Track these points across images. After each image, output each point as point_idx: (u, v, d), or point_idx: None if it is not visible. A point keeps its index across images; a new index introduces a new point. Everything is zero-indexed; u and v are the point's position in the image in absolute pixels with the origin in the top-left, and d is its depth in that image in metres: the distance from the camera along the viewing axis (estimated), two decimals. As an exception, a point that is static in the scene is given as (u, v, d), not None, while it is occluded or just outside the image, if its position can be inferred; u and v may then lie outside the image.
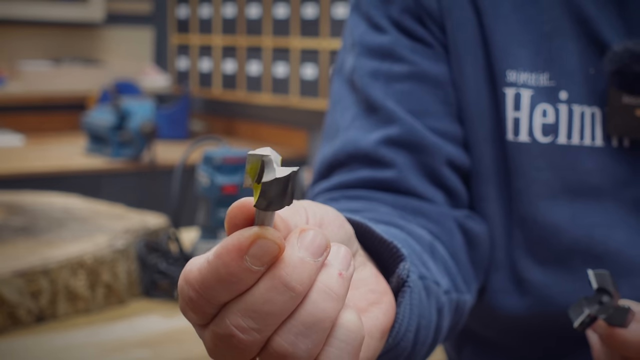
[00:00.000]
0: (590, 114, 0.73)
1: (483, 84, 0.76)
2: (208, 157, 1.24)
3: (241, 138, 3.82)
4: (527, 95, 0.74)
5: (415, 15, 0.78)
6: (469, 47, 0.76)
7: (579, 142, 0.73)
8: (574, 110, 0.73)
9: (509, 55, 0.75)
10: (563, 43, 0.73)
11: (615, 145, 0.73)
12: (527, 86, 0.74)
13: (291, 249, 0.42)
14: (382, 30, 0.79)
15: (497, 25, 0.75)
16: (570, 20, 0.73)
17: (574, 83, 0.73)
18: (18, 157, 3.10)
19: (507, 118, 0.75)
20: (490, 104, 0.76)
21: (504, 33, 0.75)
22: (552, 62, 0.74)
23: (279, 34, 3.40)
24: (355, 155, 0.76)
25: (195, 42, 3.82)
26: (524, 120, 0.74)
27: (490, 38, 0.75)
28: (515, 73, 0.74)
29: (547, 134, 0.73)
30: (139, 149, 3.00)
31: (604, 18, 0.72)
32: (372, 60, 0.79)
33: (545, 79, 0.74)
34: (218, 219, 1.24)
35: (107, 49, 4.01)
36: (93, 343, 1.13)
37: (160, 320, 1.23)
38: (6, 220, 1.43)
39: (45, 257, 1.21)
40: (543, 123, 0.74)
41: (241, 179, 1.24)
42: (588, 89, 0.73)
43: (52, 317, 1.19)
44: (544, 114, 0.74)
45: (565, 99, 0.73)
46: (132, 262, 1.31)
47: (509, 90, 0.75)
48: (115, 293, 1.27)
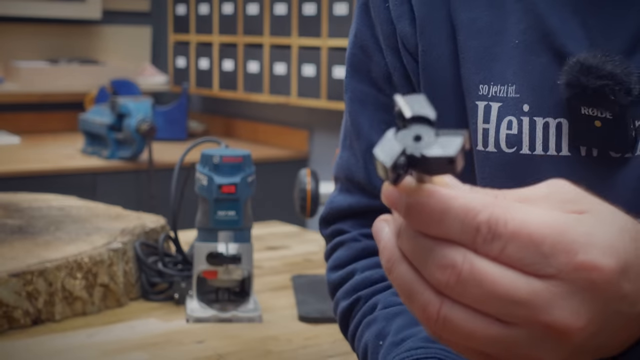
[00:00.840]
0: (555, 124, 0.74)
1: (452, 98, 0.79)
2: (206, 156, 1.23)
3: (240, 137, 3.81)
4: (495, 107, 0.76)
5: (392, 43, 0.82)
6: (441, 65, 0.79)
7: (542, 153, 0.74)
8: (536, 122, 0.74)
9: (482, 69, 0.77)
10: (529, 56, 0.75)
11: (583, 154, 0.73)
12: (497, 99, 0.76)
13: None
14: (368, 55, 0.85)
15: (471, 40, 0.77)
16: (536, 33, 0.75)
17: (537, 95, 0.74)
18: (15, 157, 3.09)
19: (478, 129, 0.77)
20: (458, 117, 0.79)
21: (478, 48, 0.77)
22: (519, 75, 0.75)
23: (278, 32, 3.39)
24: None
25: (194, 40, 3.81)
26: (492, 131, 0.76)
27: (464, 53, 0.78)
28: (487, 86, 0.76)
29: (511, 145, 0.75)
30: (137, 148, 2.99)
31: (567, 30, 0.73)
32: (361, 84, 0.86)
33: (512, 91, 0.75)
34: (217, 219, 1.23)
35: (104, 48, 3.99)
36: (90, 345, 1.12)
37: (158, 322, 1.22)
38: (3, 220, 1.41)
39: (42, 258, 1.20)
40: (507, 134, 0.75)
41: (239, 178, 1.23)
42: (554, 101, 0.74)
43: (49, 318, 1.18)
44: (509, 125, 0.75)
45: (527, 111, 0.75)
46: (129, 263, 1.30)
47: (480, 103, 0.77)
48: (113, 294, 1.26)
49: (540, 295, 0.45)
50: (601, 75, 0.69)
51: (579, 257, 0.45)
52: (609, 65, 0.69)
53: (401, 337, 0.78)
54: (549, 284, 0.45)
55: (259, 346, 1.15)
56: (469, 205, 0.45)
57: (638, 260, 0.47)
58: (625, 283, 0.46)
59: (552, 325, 0.45)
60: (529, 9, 0.75)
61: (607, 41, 0.72)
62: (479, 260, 0.45)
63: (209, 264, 1.23)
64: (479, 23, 0.77)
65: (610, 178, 0.73)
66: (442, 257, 0.45)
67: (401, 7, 0.81)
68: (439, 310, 0.46)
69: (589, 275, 0.45)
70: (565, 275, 0.45)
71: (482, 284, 0.45)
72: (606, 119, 0.71)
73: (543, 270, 0.45)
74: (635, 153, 0.71)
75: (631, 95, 0.69)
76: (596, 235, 0.46)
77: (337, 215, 0.91)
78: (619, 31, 0.72)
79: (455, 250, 0.45)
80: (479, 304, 0.45)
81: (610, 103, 0.70)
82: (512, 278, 0.45)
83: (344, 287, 0.88)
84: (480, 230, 0.45)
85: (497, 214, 0.45)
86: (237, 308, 1.24)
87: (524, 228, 0.45)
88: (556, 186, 0.49)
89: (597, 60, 0.70)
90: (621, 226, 0.47)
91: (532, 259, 0.45)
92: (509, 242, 0.45)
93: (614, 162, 0.72)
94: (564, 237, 0.45)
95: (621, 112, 0.70)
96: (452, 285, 0.45)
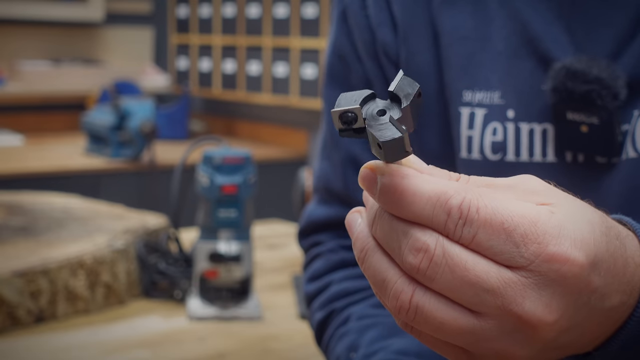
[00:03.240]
0: (541, 130, 0.73)
1: (435, 105, 0.78)
2: (208, 157, 1.24)
3: (241, 138, 3.82)
4: (480, 114, 0.75)
5: (371, 51, 0.81)
6: (423, 72, 0.78)
7: (528, 159, 0.73)
8: (521, 128, 0.73)
9: (466, 75, 0.76)
10: (514, 61, 0.74)
11: (569, 160, 0.72)
12: (482, 105, 0.75)
13: None
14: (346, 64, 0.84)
15: (455, 47, 0.76)
16: (520, 38, 0.74)
17: (522, 101, 0.73)
18: (18, 157, 3.10)
19: (462, 136, 0.76)
20: (440, 123, 0.78)
21: (462, 54, 0.76)
22: (503, 81, 0.74)
23: (279, 33, 3.40)
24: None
25: (195, 41, 3.82)
26: (476, 138, 0.75)
27: (448, 59, 0.77)
28: (471, 93, 0.75)
29: (496, 151, 0.74)
30: (139, 149, 3.00)
31: (552, 35, 0.72)
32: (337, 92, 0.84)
33: (497, 98, 0.74)
34: (218, 219, 1.24)
35: (106, 49, 4.00)
36: (93, 343, 1.13)
37: (159, 321, 1.23)
38: (6, 220, 1.42)
39: (45, 257, 1.21)
40: (493, 141, 0.74)
41: (241, 178, 1.24)
42: (539, 106, 0.73)
43: (51, 317, 1.19)
44: (494, 132, 0.74)
45: (512, 117, 0.74)
46: (131, 262, 1.31)
47: (464, 109, 0.76)
48: (115, 293, 1.27)
49: (511, 285, 0.44)
50: (587, 80, 0.69)
51: (550, 248, 0.45)
52: (595, 69, 0.69)
53: (373, 350, 0.77)
54: (520, 274, 0.45)
55: (259, 344, 1.15)
56: (441, 188, 0.45)
57: (608, 255, 0.47)
58: (595, 277, 0.46)
59: (522, 317, 0.45)
60: (512, 15, 0.74)
61: (592, 45, 0.71)
62: (452, 245, 0.45)
63: (210, 263, 1.24)
64: (462, 29, 0.76)
65: (596, 184, 0.71)
66: (416, 240, 0.45)
67: (381, 14, 0.80)
68: (411, 298, 0.46)
69: (560, 268, 0.45)
70: (536, 266, 0.44)
71: (454, 270, 0.44)
72: (592, 124, 0.70)
73: (514, 260, 0.45)
74: (621, 158, 0.70)
75: (618, 100, 0.69)
76: (567, 228, 0.45)
77: (315, 227, 0.89)
78: (604, 35, 0.71)
79: (429, 234, 0.45)
80: (450, 291, 0.45)
81: (597, 108, 0.69)
82: (483, 266, 0.45)
83: (319, 298, 0.86)
84: (451, 215, 0.45)
85: (470, 199, 0.45)
86: (237, 307, 1.25)
87: (497, 216, 0.44)
88: (524, 178, 0.49)
89: (583, 65, 0.69)
90: (592, 220, 0.47)
91: (503, 247, 0.44)
92: (480, 228, 0.44)
93: (600, 168, 0.71)
94: (536, 227, 0.45)
95: (608, 116, 0.69)
96: (424, 269, 0.45)
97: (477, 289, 0.45)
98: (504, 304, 0.45)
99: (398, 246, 0.46)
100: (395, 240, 0.46)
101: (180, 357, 1.10)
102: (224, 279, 1.25)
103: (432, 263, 0.45)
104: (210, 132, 3.88)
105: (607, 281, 0.47)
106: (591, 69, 0.69)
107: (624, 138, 0.70)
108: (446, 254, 0.45)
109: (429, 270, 0.45)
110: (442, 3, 0.77)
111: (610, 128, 0.70)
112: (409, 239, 0.45)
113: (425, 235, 0.45)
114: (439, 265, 0.45)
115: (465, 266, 0.45)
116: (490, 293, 0.45)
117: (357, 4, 0.82)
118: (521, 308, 0.45)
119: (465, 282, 0.45)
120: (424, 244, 0.45)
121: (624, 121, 0.70)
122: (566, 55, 0.71)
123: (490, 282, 0.45)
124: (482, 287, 0.45)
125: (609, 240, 0.47)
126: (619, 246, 0.48)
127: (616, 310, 0.49)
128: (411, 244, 0.45)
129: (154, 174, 2.98)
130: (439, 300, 0.45)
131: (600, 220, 0.48)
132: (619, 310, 0.49)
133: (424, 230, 0.45)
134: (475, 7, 0.76)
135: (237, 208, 1.24)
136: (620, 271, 0.48)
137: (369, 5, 0.81)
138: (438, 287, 0.45)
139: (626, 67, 0.70)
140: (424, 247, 0.45)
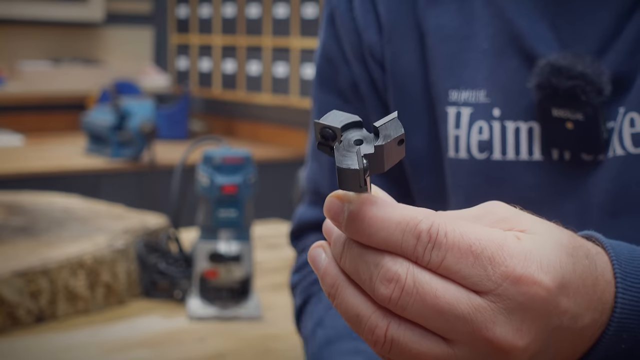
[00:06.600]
0: (526, 129, 0.73)
1: (422, 105, 0.78)
2: (208, 157, 1.24)
3: (241, 138, 3.82)
4: (466, 113, 0.75)
5: (358, 54, 0.81)
6: (409, 72, 0.78)
7: (514, 158, 0.73)
8: (507, 126, 0.73)
9: (452, 75, 0.76)
10: (500, 60, 0.74)
11: (556, 158, 0.72)
12: (468, 104, 0.75)
13: None
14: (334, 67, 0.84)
15: (440, 46, 0.76)
16: (505, 37, 0.74)
17: (507, 99, 0.73)
18: (18, 157, 3.10)
19: (449, 136, 0.76)
20: (428, 123, 0.78)
21: (448, 53, 0.76)
22: (489, 79, 0.74)
23: (279, 33, 3.40)
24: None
25: (195, 42, 3.82)
26: (463, 137, 0.75)
27: (433, 59, 0.77)
28: (457, 92, 0.75)
29: (483, 150, 0.74)
30: (139, 149, 3.00)
31: (537, 32, 0.72)
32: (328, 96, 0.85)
33: (483, 96, 0.75)
34: (218, 219, 1.24)
35: (107, 49, 4.00)
36: (93, 343, 1.13)
37: (160, 321, 1.23)
38: (6, 220, 1.42)
39: (45, 257, 1.21)
40: (479, 140, 0.74)
41: (241, 178, 1.24)
42: (525, 105, 0.73)
43: (51, 317, 1.19)
44: (480, 131, 0.74)
45: (498, 115, 0.74)
46: (131, 262, 1.31)
47: (451, 109, 0.76)
48: (115, 293, 1.27)
49: (481, 311, 0.45)
50: (572, 76, 0.69)
51: (517, 271, 0.45)
52: (580, 65, 0.69)
53: (336, 323, 0.78)
54: (489, 299, 0.45)
55: (259, 344, 1.16)
56: (410, 213, 0.45)
57: (576, 276, 0.47)
58: (563, 299, 0.46)
59: (494, 342, 0.45)
60: (497, 14, 0.74)
61: (577, 42, 0.71)
62: (422, 273, 0.45)
63: (210, 263, 1.24)
64: (447, 29, 0.76)
65: (583, 181, 0.71)
66: (387, 270, 0.45)
67: (367, 16, 0.80)
68: (386, 332, 0.46)
69: (527, 290, 0.45)
70: (503, 289, 0.45)
71: (425, 298, 0.45)
72: (578, 120, 0.70)
73: (482, 284, 0.45)
74: (608, 156, 0.70)
75: (602, 96, 0.69)
76: (533, 253, 0.46)
77: (305, 229, 0.90)
78: (589, 32, 0.71)
79: (399, 263, 0.45)
80: (422, 319, 0.45)
81: (581, 104, 0.69)
82: (454, 292, 0.45)
83: (300, 285, 0.88)
84: (420, 239, 0.45)
85: (438, 224, 0.45)
86: (237, 307, 1.25)
87: (464, 239, 0.45)
88: (490, 207, 0.49)
89: (567, 61, 0.69)
90: (559, 242, 0.47)
91: (471, 270, 0.45)
92: (448, 252, 0.45)
93: (586, 165, 0.71)
94: (503, 251, 0.45)
95: (593, 113, 0.69)
96: (395, 299, 0.45)
97: (449, 316, 0.45)
98: (474, 330, 0.45)
99: (369, 277, 0.46)
100: (365, 272, 0.46)
101: (180, 357, 1.10)
102: (224, 279, 1.25)
103: (403, 293, 0.45)
104: (210, 132, 3.88)
105: (577, 301, 0.47)
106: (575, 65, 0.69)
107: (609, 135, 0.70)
108: (417, 282, 0.45)
109: (400, 300, 0.45)
110: (428, 3, 0.77)
111: (595, 125, 0.70)
112: (379, 270, 0.45)
113: (395, 265, 0.45)
114: (410, 295, 0.45)
115: (436, 294, 0.45)
116: (461, 320, 0.45)
117: (344, 5, 0.82)
118: (492, 333, 0.45)
119: (437, 310, 0.45)
120: (394, 274, 0.45)
121: (610, 118, 0.70)
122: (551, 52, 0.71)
123: (460, 309, 0.45)
124: (453, 314, 0.45)
125: (576, 261, 0.48)
126: (587, 265, 0.48)
127: (589, 329, 0.49)
128: (382, 274, 0.45)
129: (154, 174, 2.98)
130: (413, 332, 0.46)
131: (568, 241, 0.48)
132: (592, 328, 0.49)
133: (394, 259, 0.45)
134: (460, 5, 0.76)
135: (237, 208, 1.24)
136: (590, 290, 0.48)
137: (356, 7, 0.81)
138: (410, 315, 0.45)
139: (611, 64, 0.70)
140: (395, 277, 0.45)
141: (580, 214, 0.72)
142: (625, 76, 0.70)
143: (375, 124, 0.44)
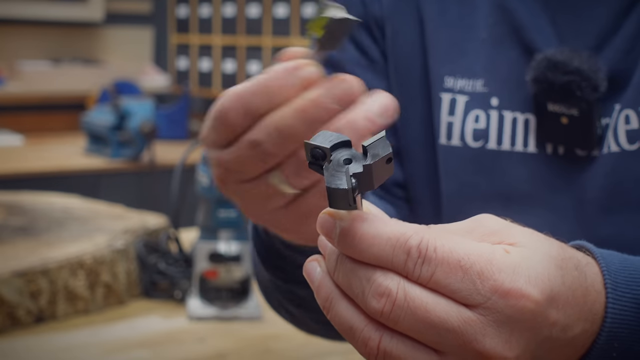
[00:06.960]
0: (523, 120, 0.73)
1: (418, 88, 0.78)
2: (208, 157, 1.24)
3: (241, 138, 3.82)
4: (462, 101, 0.75)
5: (364, 23, 0.81)
6: (406, 52, 0.78)
7: (509, 148, 0.74)
8: (504, 116, 0.74)
9: (449, 61, 0.76)
10: (498, 50, 0.74)
11: (550, 152, 0.73)
12: (464, 92, 0.75)
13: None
14: None
15: (439, 33, 0.77)
16: (505, 27, 0.74)
17: (506, 90, 0.74)
18: (17, 157, 3.10)
19: (441, 122, 0.76)
20: (423, 107, 0.78)
21: (446, 40, 0.76)
22: (487, 69, 0.75)
23: (279, 33, 3.40)
24: None
25: (195, 42, 3.82)
26: (457, 125, 0.75)
27: (431, 44, 0.77)
28: (453, 79, 0.76)
29: (478, 139, 0.74)
30: (139, 149, 3.00)
31: (536, 25, 0.73)
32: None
33: (480, 85, 0.75)
34: (218, 219, 1.24)
35: (106, 49, 4.00)
36: (93, 343, 1.13)
37: (159, 321, 1.23)
38: (6, 220, 1.42)
39: (45, 258, 1.21)
40: (474, 128, 0.75)
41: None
42: (522, 96, 0.73)
43: (51, 317, 1.19)
44: (476, 119, 0.75)
45: (496, 105, 0.74)
46: (131, 263, 1.31)
47: (445, 95, 0.76)
48: (115, 293, 1.27)
49: (471, 324, 0.45)
50: (568, 71, 0.69)
51: (505, 285, 0.45)
52: (576, 61, 0.69)
53: None
54: (478, 312, 0.45)
55: (259, 344, 1.16)
56: (400, 229, 0.46)
57: (565, 288, 0.48)
58: (552, 311, 0.47)
59: (484, 354, 0.45)
60: (498, 4, 0.74)
61: (576, 38, 0.71)
62: (413, 287, 0.46)
63: (210, 263, 1.24)
64: (447, 15, 0.76)
65: (576, 177, 0.72)
66: (378, 285, 0.46)
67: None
68: (379, 344, 0.46)
69: (516, 303, 0.45)
70: (492, 303, 0.45)
71: (416, 312, 0.45)
72: (572, 116, 0.70)
73: (472, 298, 0.45)
74: (603, 152, 0.70)
75: (597, 92, 0.69)
76: (521, 266, 0.46)
77: None
78: (588, 28, 0.71)
79: (390, 278, 0.46)
80: (414, 332, 0.46)
81: (576, 99, 0.70)
82: (444, 306, 0.45)
83: None
84: (410, 254, 0.45)
85: (427, 239, 0.46)
86: (237, 307, 1.25)
87: (453, 254, 0.46)
88: (481, 219, 0.49)
89: (564, 56, 0.69)
90: (547, 255, 0.48)
91: (460, 285, 0.45)
92: (438, 267, 0.45)
93: (580, 161, 0.72)
94: (492, 265, 0.46)
95: (587, 108, 0.70)
96: (387, 313, 0.46)
97: (439, 329, 0.45)
98: (465, 343, 0.45)
99: (361, 291, 0.47)
100: (358, 286, 0.47)
101: (180, 357, 1.10)
102: (224, 279, 1.25)
103: (394, 307, 0.46)
104: (210, 132, 3.88)
105: (567, 313, 0.48)
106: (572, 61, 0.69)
107: (604, 131, 0.70)
108: (407, 297, 0.46)
109: (392, 314, 0.46)
110: None
111: (589, 120, 0.70)
112: (371, 285, 0.46)
113: (387, 280, 0.46)
114: (402, 309, 0.45)
115: (427, 308, 0.45)
116: (452, 333, 0.45)
117: None
118: (482, 346, 0.46)
119: (428, 323, 0.45)
120: (386, 288, 0.46)
121: (605, 115, 0.70)
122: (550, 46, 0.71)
123: (450, 322, 0.45)
124: (444, 327, 0.45)
125: (565, 273, 0.48)
126: (577, 276, 0.49)
127: (580, 338, 0.49)
128: (374, 289, 0.46)
129: (154, 174, 2.98)
130: (405, 344, 0.46)
131: (557, 253, 0.48)
132: (582, 338, 0.50)
133: (385, 274, 0.46)
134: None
135: (237, 208, 1.24)
136: (580, 301, 0.49)
137: None
138: (402, 328, 0.46)
139: (608, 61, 0.70)
140: (386, 291, 0.46)
141: (574, 209, 0.72)
142: (621, 73, 0.70)
143: (364, 144, 0.45)
